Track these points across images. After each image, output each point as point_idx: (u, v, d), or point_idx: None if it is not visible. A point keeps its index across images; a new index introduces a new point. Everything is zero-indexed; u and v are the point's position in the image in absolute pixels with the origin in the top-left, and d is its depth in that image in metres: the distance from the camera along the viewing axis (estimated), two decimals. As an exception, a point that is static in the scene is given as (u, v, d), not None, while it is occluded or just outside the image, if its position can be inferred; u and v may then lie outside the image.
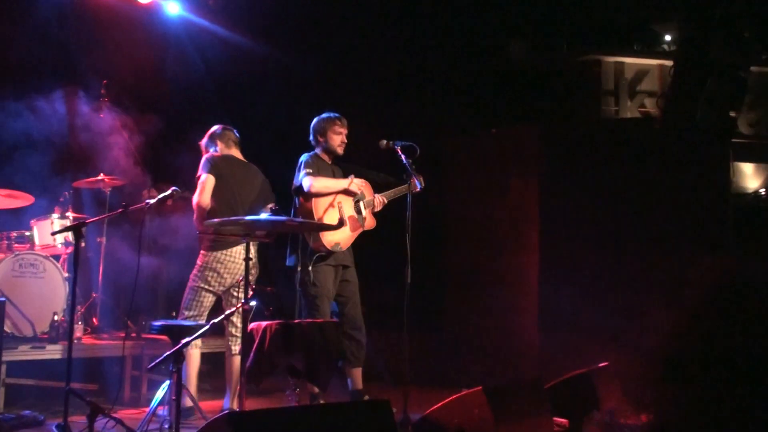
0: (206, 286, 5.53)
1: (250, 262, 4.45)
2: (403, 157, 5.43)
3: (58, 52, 7.20)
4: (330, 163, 5.83)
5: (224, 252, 5.51)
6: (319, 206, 5.61)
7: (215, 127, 5.87)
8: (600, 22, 9.28)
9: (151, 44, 7.79)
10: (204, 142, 5.86)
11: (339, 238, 5.62)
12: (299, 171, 5.67)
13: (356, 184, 5.73)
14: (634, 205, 7.15)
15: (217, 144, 5.78)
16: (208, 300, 5.58)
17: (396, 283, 5.38)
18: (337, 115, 5.82)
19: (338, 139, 5.76)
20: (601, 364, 5.09)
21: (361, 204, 5.78)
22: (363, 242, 5.82)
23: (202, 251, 5.59)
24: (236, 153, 5.83)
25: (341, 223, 5.49)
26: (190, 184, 5.70)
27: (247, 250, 4.45)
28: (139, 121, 6.95)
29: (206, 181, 5.50)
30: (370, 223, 5.81)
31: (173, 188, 5.16)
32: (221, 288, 5.57)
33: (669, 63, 8.91)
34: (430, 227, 7.45)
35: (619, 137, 7.48)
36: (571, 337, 6.69)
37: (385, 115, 5.98)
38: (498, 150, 7.82)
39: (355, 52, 8.19)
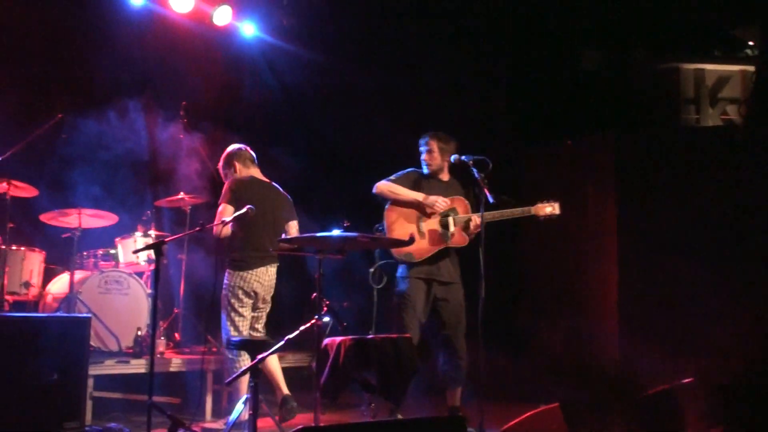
0: (239, 305, 5.63)
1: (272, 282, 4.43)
2: (474, 171, 5.39)
3: (138, 74, 7.44)
4: (435, 178, 5.83)
5: (250, 272, 5.61)
6: (393, 216, 5.67)
7: (230, 149, 5.90)
8: (678, 28, 9.03)
9: (228, 65, 7.95)
10: (221, 165, 5.92)
11: (413, 249, 5.63)
12: None
13: (434, 201, 5.65)
14: (715, 214, 6.95)
15: (235, 165, 5.83)
16: (245, 320, 5.67)
17: (471, 299, 5.34)
18: (426, 135, 5.86)
19: (424, 156, 5.82)
20: (685, 380, 4.92)
21: (450, 219, 5.70)
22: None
23: (228, 271, 5.68)
24: (255, 172, 5.88)
25: (411, 240, 5.49)
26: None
27: (320, 267, 4.48)
28: (217, 141, 7.12)
29: (223, 211, 5.56)
30: (458, 239, 5.68)
31: (248, 207, 5.25)
32: (250, 306, 5.68)
33: (751, 69, 8.62)
34: (506, 241, 7.35)
35: (699, 145, 7.29)
36: (653, 349, 6.52)
37: (460, 129, 5.92)
38: (574, 160, 7.72)
39: (428, 67, 8.19)
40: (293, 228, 5.80)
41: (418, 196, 5.69)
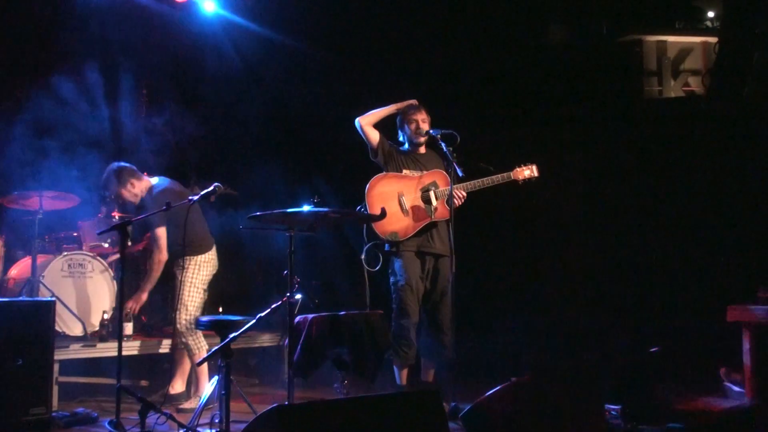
0: (203, 286, 5.74)
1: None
2: (443, 145, 5.37)
3: (98, 51, 7.25)
4: (413, 152, 5.80)
5: (205, 255, 5.73)
6: (375, 197, 5.59)
7: (111, 174, 5.72)
8: (640, 1, 9.04)
9: (189, 43, 7.81)
10: (120, 191, 5.73)
11: (397, 227, 5.57)
12: None
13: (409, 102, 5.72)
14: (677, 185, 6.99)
15: (132, 183, 5.73)
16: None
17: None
18: (415, 105, 5.82)
19: (412, 128, 5.74)
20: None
21: (431, 194, 5.64)
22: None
23: (186, 257, 5.66)
24: (146, 177, 5.84)
25: (383, 214, 5.41)
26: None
27: (291, 244, 4.42)
28: (180, 120, 6.98)
29: (162, 235, 5.59)
30: (442, 212, 5.63)
31: (215, 184, 5.15)
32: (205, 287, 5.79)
33: (713, 40, 8.67)
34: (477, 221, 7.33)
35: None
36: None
37: (426, 106, 5.85)
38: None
39: (393, 44, 8.09)
40: None
41: (391, 107, 5.73)
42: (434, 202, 5.62)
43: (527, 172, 5.65)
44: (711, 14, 9.90)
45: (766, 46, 7.31)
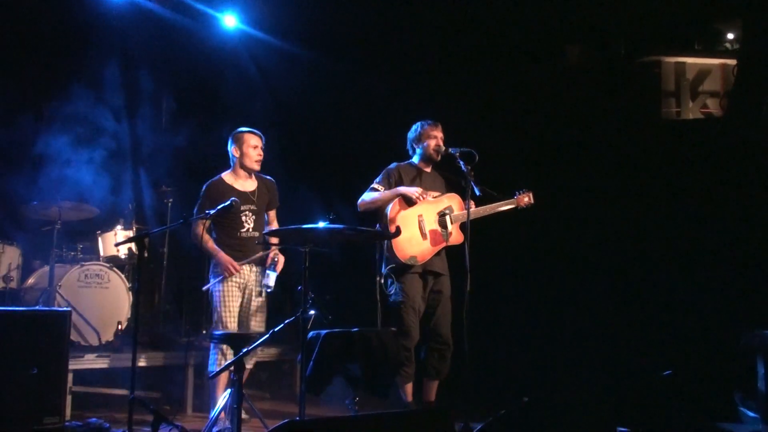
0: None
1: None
2: (461, 163, 5.36)
3: (120, 65, 7.32)
4: (421, 170, 5.77)
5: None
6: (397, 218, 5.54)
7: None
8: (659, 22, 9.02)
9: (210, 57, 7.87)
10: None
11: (417, 252, 5.54)
12: None
13: (414, 192, 5.57)
14: (691, 209, 6.98)
15: None
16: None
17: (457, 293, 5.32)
18: (431, 121, 5.78)
19: (432, 144, 5.71)
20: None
21: (447, 218, 5.65)
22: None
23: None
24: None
25: (398, 231, 5.43)
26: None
27: (305, 260, 4.43)
28: (200, 134, 7.03)
29: None
30: (456, 237, 5.65)
31: (232, 199, 5.20)
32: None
33: (732, 62, 8.64)
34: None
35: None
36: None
37: (446, 124, 5.84)
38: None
39: (410, 63, 8.10)
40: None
41: (393, 192, 5.59)
42: (450, 227, 5.64)
43: (526, 199, 5.70)
44: (730, 36, 9.87)
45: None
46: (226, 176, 5.60)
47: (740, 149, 7.13)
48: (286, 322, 4.52)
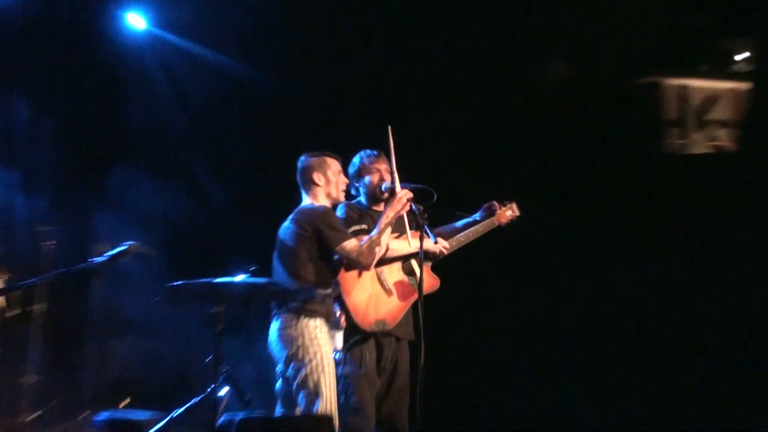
0: None
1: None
2: (412, 205, 4.96)
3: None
4: (371, 209, 5.41)
5: None
6: (347, 282, 5.09)
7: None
8: (658, 38, 9.04)
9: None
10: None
11: (384, 313, 5.13)
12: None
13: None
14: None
15: None
16: None
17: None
18: (373, 152, 5.46)
19: (374, 179, 5.38)
20: None
21: (413, 262, 5.28)
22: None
23: None
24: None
25: (336, 287, 4.98)
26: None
27: (219, 322, 4.15)
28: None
29: None
30: (430, 283, 5.28)
31: (130, 242, 4.89)
32: None
33: (744, 86, 8.69)
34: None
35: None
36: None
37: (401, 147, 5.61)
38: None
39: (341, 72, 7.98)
40: None
41: (387, 230, 4.99)
42: (418, 271, 5.13)
43: (509, 212, 5.61)
44: (738, 58, 9.95)
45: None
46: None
47: (758, 190, 7.20)
48: (192, 402, 4.38)
